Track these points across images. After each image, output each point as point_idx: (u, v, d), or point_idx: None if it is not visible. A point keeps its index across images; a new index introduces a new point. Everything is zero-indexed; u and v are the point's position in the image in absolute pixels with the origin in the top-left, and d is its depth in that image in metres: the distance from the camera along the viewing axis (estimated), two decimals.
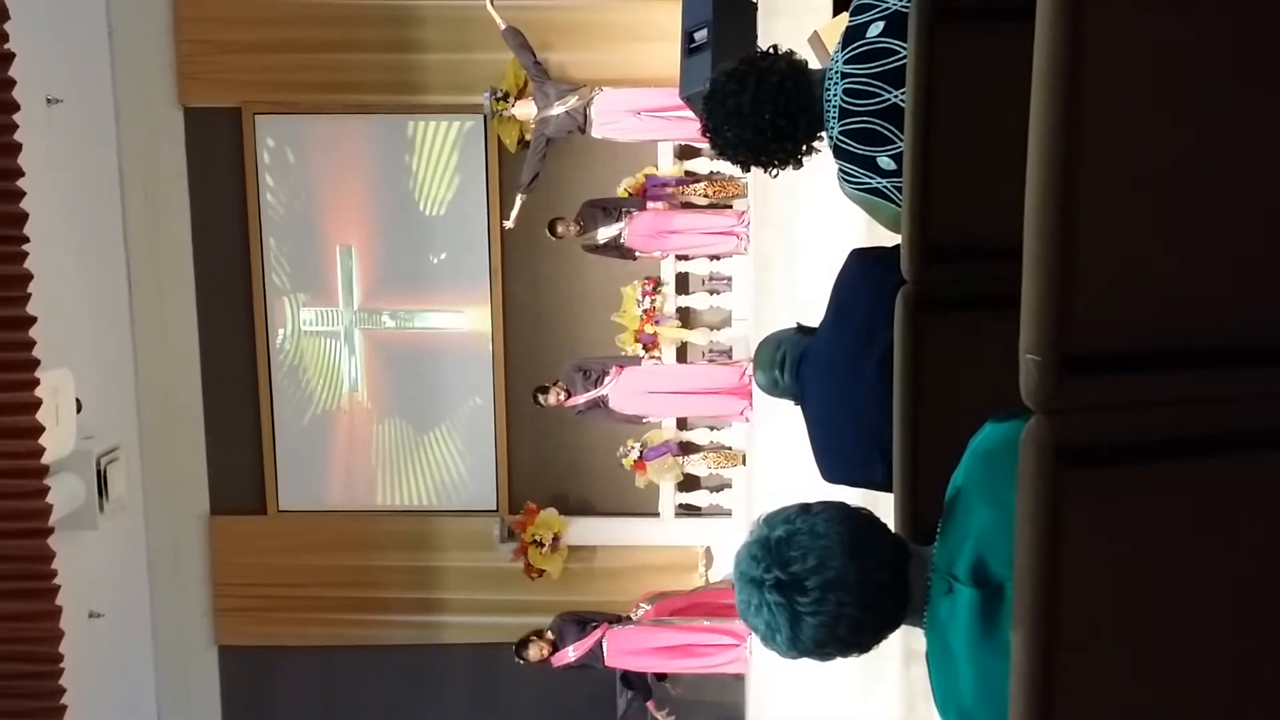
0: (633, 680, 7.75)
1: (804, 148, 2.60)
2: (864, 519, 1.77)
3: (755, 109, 2.51)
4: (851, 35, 2.48)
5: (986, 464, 1.72)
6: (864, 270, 2.64)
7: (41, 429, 5.89)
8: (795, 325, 2.91)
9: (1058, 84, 1.45)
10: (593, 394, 7.83)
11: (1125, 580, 1.55)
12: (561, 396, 7.86)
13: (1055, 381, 1.49)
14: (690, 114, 7.03)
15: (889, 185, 2.46)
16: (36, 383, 5.86)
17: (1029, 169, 1.49)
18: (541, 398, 7.88)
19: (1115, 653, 1.57)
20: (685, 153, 8.37)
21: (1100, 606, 1.54)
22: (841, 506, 1.77)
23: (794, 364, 2.78)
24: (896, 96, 2.39)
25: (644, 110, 7.76)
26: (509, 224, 8.22)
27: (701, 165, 8.27)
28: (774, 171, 2.65)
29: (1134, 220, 1.51)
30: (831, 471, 2.72)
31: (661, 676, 7.87)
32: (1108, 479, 1.52)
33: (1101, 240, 1.49)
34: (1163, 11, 1.47)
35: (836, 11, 4.48)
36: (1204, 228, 1.54)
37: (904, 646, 4.23)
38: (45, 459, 5.97)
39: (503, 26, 7.79)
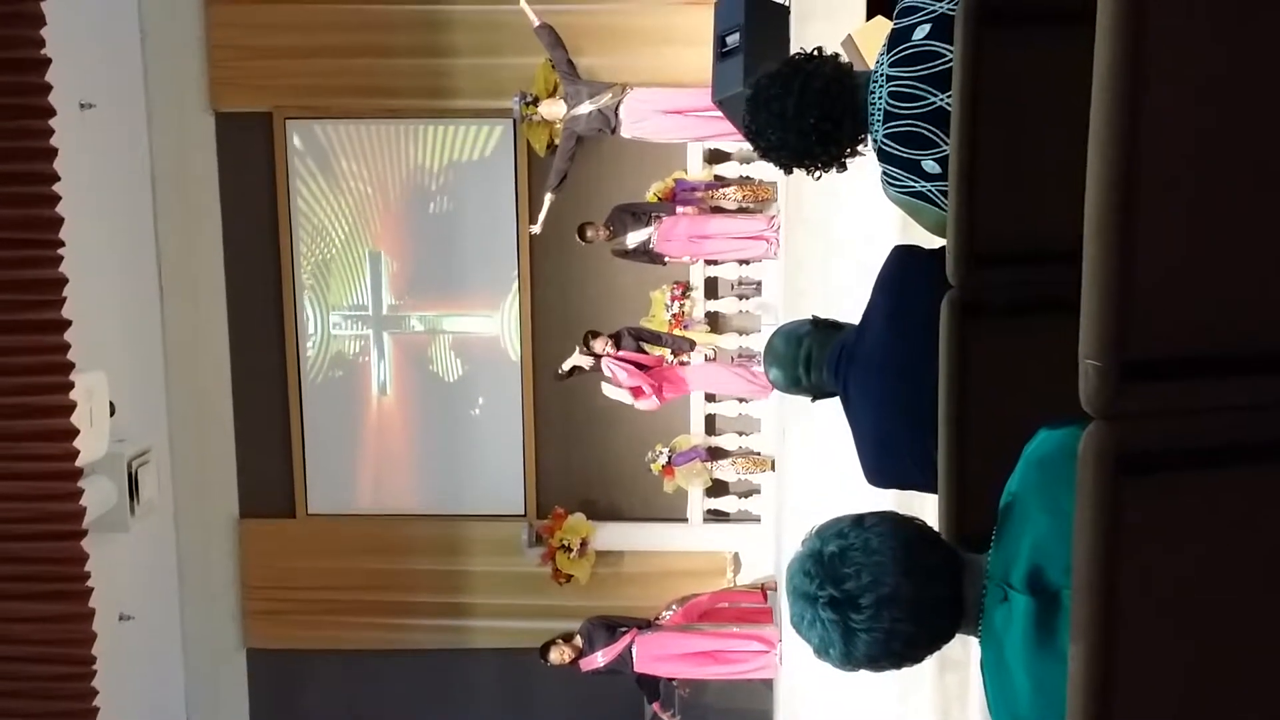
0: (644, 683, 7.74)
1: (848, 151, 2.58)
2: (917, 531, 1.74)
3: (800, 113, 2.49)
4: (897, 38, 2.46)
5: (1042, 471, 1.70)
6: (917, 267, 2.57)
7: (76, 432, 5.91)
8: (810, 318, 2.83)
9: (1119, 85, 1.43)
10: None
11: (1185, 588, 1.53)
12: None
13: (1115, 387, 1.47)
14: (719, 114, 7.02)
15: (933, 189, 2.43)
16: (71, 385, 5.88)
17: (1089, 172, 1.47)
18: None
19: (1175, 661, 1.54)
20: (715, 157, 8.36)
21: (1160, 614, 1.52)
22: (895, 518, 1.75)
23: (830, 362, 2.70)
24: (942, 100, 2.37)
25: (674, 110, 7.76)
26: (535, 229, 8.23)
27: (731, 169, 8.25)
28: (817, 174, 2.63)
29: (1196, 224, 1.49)
30: (882, 475, 2.64)
31: (672, 680, 7.86)
32: (1168, 485, 1.50)
33: (1162, 245, 1.47)
34: (1227, 12, 1.45)
35: (870, 15, 4.47)
36: (1267, 231, 1.52)
37: (939, 654, 4.20)
38: (79, 462, 5.99)
39: (536, 23, 7.80)
